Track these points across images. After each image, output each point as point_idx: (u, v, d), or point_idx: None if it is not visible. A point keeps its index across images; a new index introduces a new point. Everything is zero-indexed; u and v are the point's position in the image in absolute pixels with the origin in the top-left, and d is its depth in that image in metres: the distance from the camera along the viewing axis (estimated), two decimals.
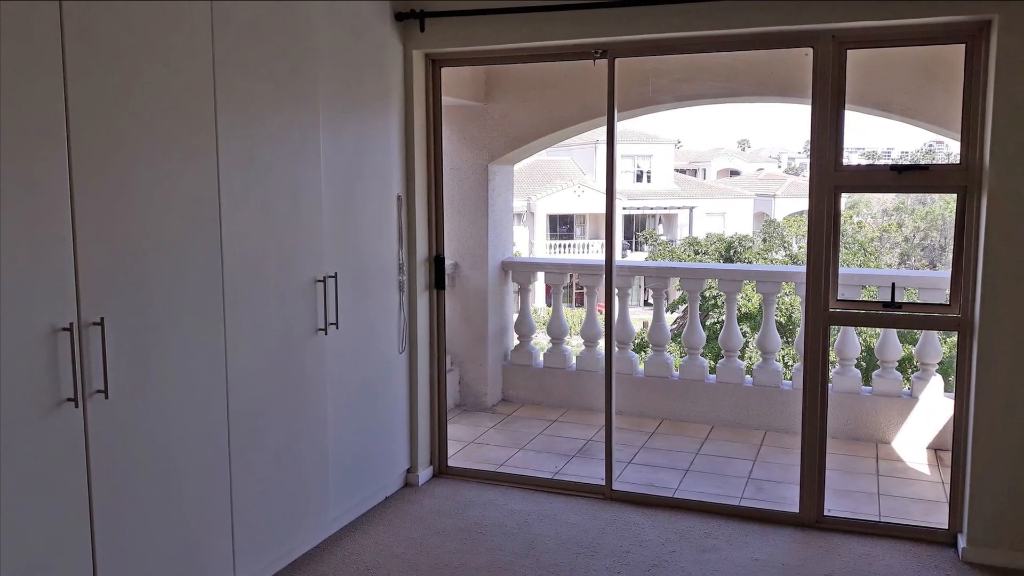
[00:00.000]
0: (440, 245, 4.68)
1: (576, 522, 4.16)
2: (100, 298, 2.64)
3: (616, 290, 5.29)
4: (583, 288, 6.53)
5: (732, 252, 20.38)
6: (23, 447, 2.43)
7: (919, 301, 5.24)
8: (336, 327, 3.84)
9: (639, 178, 31.68)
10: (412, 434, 4.61)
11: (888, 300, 3.95)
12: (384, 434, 4.37)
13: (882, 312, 4.01)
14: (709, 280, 6.65)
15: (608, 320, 4.56)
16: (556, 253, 29.15)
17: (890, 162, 5.54)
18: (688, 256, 20.58)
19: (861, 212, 27.73)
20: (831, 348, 4.36)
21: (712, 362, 6.04)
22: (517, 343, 6.41)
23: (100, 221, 2.64)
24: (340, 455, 3.95)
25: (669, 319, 11.49)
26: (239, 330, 3.25)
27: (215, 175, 3.11)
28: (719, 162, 39.07)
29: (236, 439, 3.27)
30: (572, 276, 6.92)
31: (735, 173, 38.12)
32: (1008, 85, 3.48)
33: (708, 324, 14.71)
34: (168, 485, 2.96)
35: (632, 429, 5.66)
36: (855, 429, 5.47)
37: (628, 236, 30.45)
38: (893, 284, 4.01)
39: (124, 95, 2.72)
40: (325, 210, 3.75)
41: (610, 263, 4.46)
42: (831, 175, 3.89)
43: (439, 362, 4.75)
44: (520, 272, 6.44)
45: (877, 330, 7.93)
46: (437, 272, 4.68)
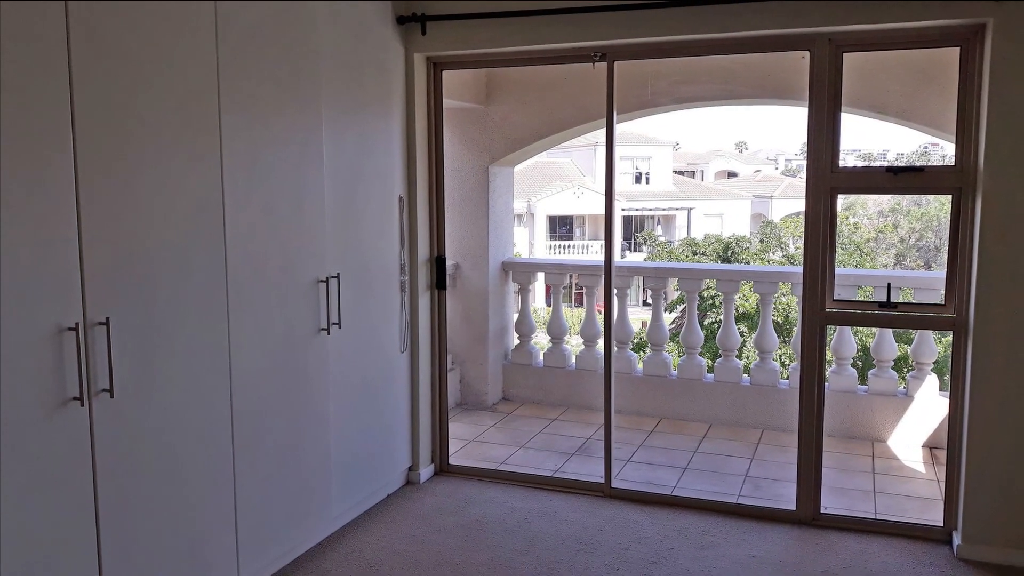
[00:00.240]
0: (441, 246, 4.68)
1: (576, 519, 4.16)
2: (105, 298, 2.65)
3: (615, 290, 5.29)
4: (583, 288, 6.53)
5: (730, 253, 20.37)
6: (30, 445, 2.44)
7: (914, 301, 5.24)
8: (338, 327, 3.84)
9: (638, 179, 31.67)
10: (413, 432, 4.61)
11: (884, 300, 3.95)
12: (386, 432, 4.37)
13: (878, 312, 4.01)
14: (707, 280, 6.65)
15: (607, 320, 4.56)
16: (556, 254, 29.13)
17: (886, 164, 5.54)
18: (686, 257, 20.57)
19: (857, 213, 27.72)
20: (828, 347, 4.35)
21: (710, 361, 6.04)
22: (517, 343, 6.41)
23: (105, 222, 2.64)
24: (342, 453, 3.95)
25: (667, 319, 11.49)
26: (243, 330, 3.26)
27: (219, 176, 3.11)
28: (717, 164, 39.06)
29: (240, 437, 3.27)
30: (572, 276, 6.92)
31: (733, 175, 38.11)
32: (1002, 87, 3.47)
33: (706, 324, 14.71)
34: (173, 483, 2.96)
35: (631, 428, 5.66)
36: (851, 428, 5.47)
37: (627, 237, 30.44)
38: (889, 284, 4.02)
39: (129, 97, 2.72)
40: (328, 211, 3.75)
41: (609, 263, 4.46)
42: (827, 177, 3.89)
43: (440, 361, 4.75)
44: (520, 272, 6.44)
45: (873, 330, 7.94)
46: (438, 272, 4.68)
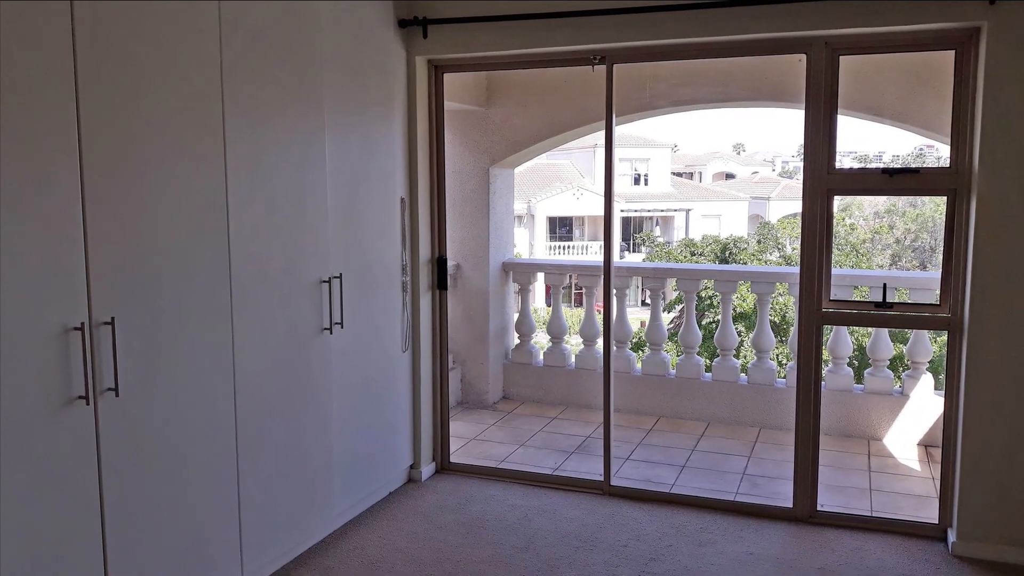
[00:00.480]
0: (442, 246, 4.68)
1: (575, 517, 4.16)
2: (110, 298, 2.65)
3: (614, 290, 5.29)
4: (582, 288, 6.53)
5: (727, 253, 20.35)
6: (36, 443, 2.44)
7: (910, 301, 5.24)
8: (341, 327, 3.84)
9: (637, 181, 31.68)
10: (415, 431, 4.61)
11: (880, 300, 3.95)
12: (388, 431, 4.37)
13: (874, 312, 4.01)
14: (705, 281, 6.64)
15: (607, 320, 4.56)
16: (556, 254, 29.12)
17: (882, 165, 5.54)
18: (684, 257, 20.54)
19: (853, 214, 27.69)
20: (824, 347, 4.35)
21: (708, 361, 6.03)
22: (518, 342, 6.41)
23: (110, 223, 2.64)
24: (345, 451, 3.95)
25: (666, 319, 11.50)
26: (246, 329, 3.26)
27: (223, 178, 3.11)
28: (715, 165, 39.05)
29: (243, 436, 3.27)
30: (571, 277, 6.92)
31: (730, 176, 38.10)
32: (996, 90, 3.47)
33: (704, 324, 14.70)
34: (177, 481, 2.96)
35: (630, 426, 5.66)
36: (847, 426, 5.46)
37: (626, 238, 30.44)
38: (884, 285, 4.01)
39: (134, 100, 2.72)
40: (330, 212, 3.75)
41: (608, 264, 4.46)
42: (824, 178, 3.89)
43: (441, 361, 4.74)
44: (520, 273, 6.44)
45: (869, 329, 7.93)
46: (439, 273, 4.68)
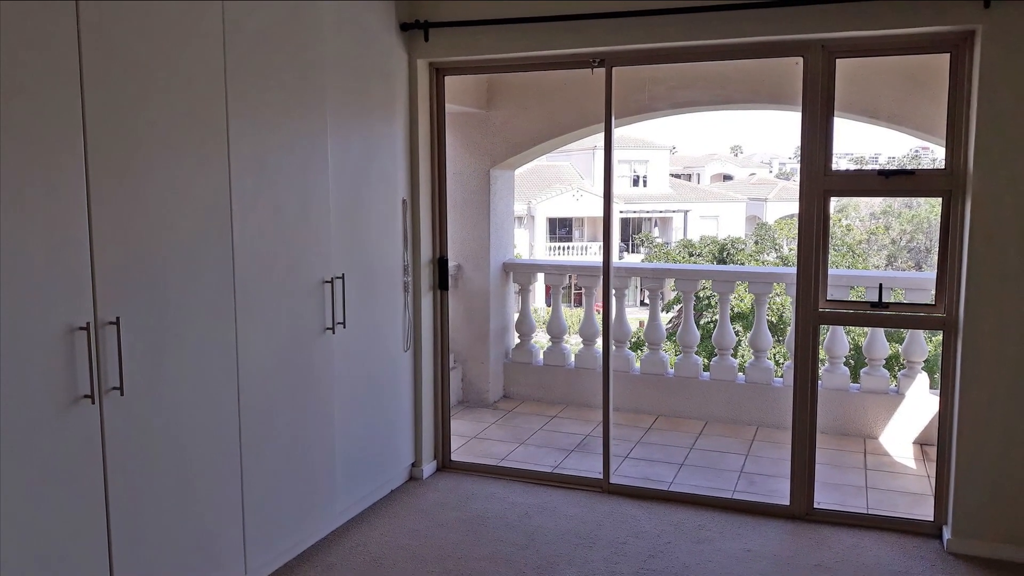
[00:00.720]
0: (444, 247, 4.68)
1: (575, 514, 4.16)
2: (116, 298, 2.64)
3: (613, 290, 5.29)
4: (582, 289, 6.53)
5: (725, 254, 20.34)
6: (42, 442, 2.44)
7: (905, 301, 5.24)
8: (343, 326, 3.84)
9: (636, 183, 31.67)
10: (416, 429, 4.61)
11: (875, 300, 3.95)
12: (389, 429, 4.37)
13: (870, 312, 4.01)
14: (703, 281, 6.64)
15: (606, 319, 4.56)
16: (555, 255, 29.12)
17: (877, 167, 5.54)
18: (683, 258, 20.53)
19: (849, 215, 27.70)
20: (821, 346, 4.35)
21: (706, 360, 6.04)
22: (518, 342, 6.41)
23: (116, 224, 2.64)
24: (347, 450, 3.95)
25: (664, 319, 11.51)
26: (250, 329, 3.26)
27: (227, 180, 3.11)
28: (713, 167, 39.04)
29: (247, 434, 3.27)
30: (571, 277, 6.92)
31: (728, 178, 38.09)
32: (991, 93, 3.47)
33: (702, 323, 14.68)
34: (181, 478, 2.96)
35: (629, 425, 5.66)
36: (844, 425, 5.46)
37: (625, 239, 30.44)
38: (880, 285, 4.01)
39: (139, 102, 2.72)
40: (333, 213, 3.75)
41: (608, 264, 4.46)
42: (821, 179, 3.89)
43: (443, 360, 4.74)
44: (521, 273, 6.44)
45: (865, 329, 7.93)
46: (441, 273, 4.68)
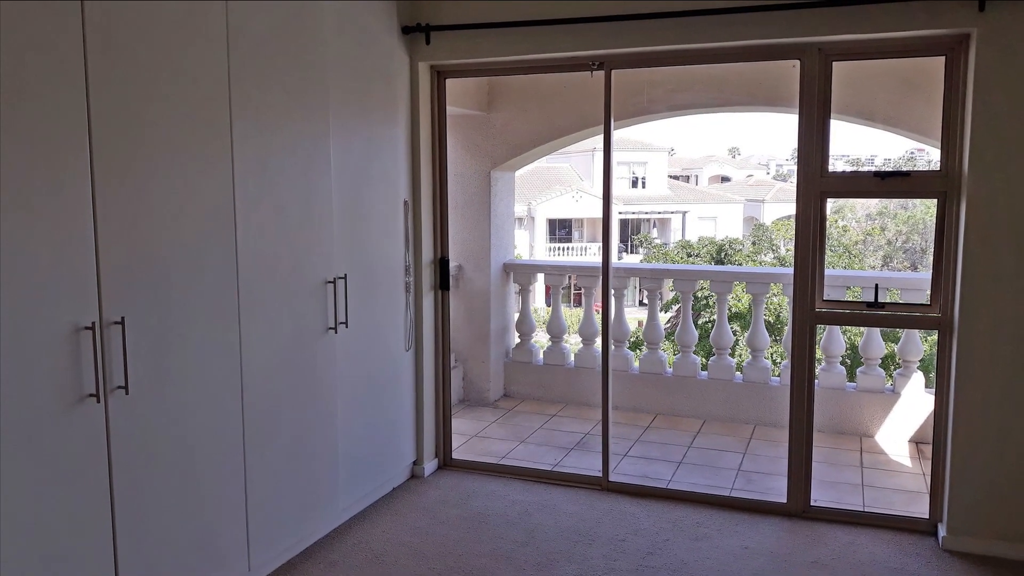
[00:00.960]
0: (445, 248, 4.68)
1: (574, 512, 4.16)
2: (121, 299, 2.64)
3: (612, 291, 5.29)
4: (581, 289, 6.53)
5: (723, 254, 20.34)
6: (48, 440, 2.44)
7: (901, 301, 5.24)
8: (345, 326, 3.84)
9: (634, 184, 31.66)
10: (418, 428, 4.61)
11: (872, 300, 3.95)
12: (391, 428, 4.37)
13: (866, 312, 4.00)
14: (701, 281, 6.64)
15: (605, 319, 4.56)
16: (555, 255, 29.11)
17: (873, 169, 5.54)
18: (681, 258, 20.53)
19: (846, 216, 27.71)
20: (817, 346, 4.35)
21: (704, 359, 6.04)
22: (518, 341, 6.41)
23: (120, 225, 2.64)
24: (349, 448, 3.95)
25: (663, 318, 11.51)
26: (253, 329, 3.25)
27: (230, 181, 3.11)
28: (711, 169, 39.01)
29: (250, 433, 3.27)
30: (571, 277, 6.92)
31: (726, 179, 38.06)
32: (986, 95, 3.47)
33: (700, 323, 14.67)
34: (185, 477, 2.96)
35: (628, 423, 5.66)
36: (840, 423, 5.46)
37: (624, 239, 30.43)
38: (876, 285, 4.01)
39: (143, 104, 2.72)
40: (335, 214, 3.75)
41: (607, 265, 4.46)
42: (817, 181, 3.89)
43: (444, 359, 4.74)
44: (521, 273, 6.43)
45: (861, 329, 7.93)
46: (442, 273, 4.68)
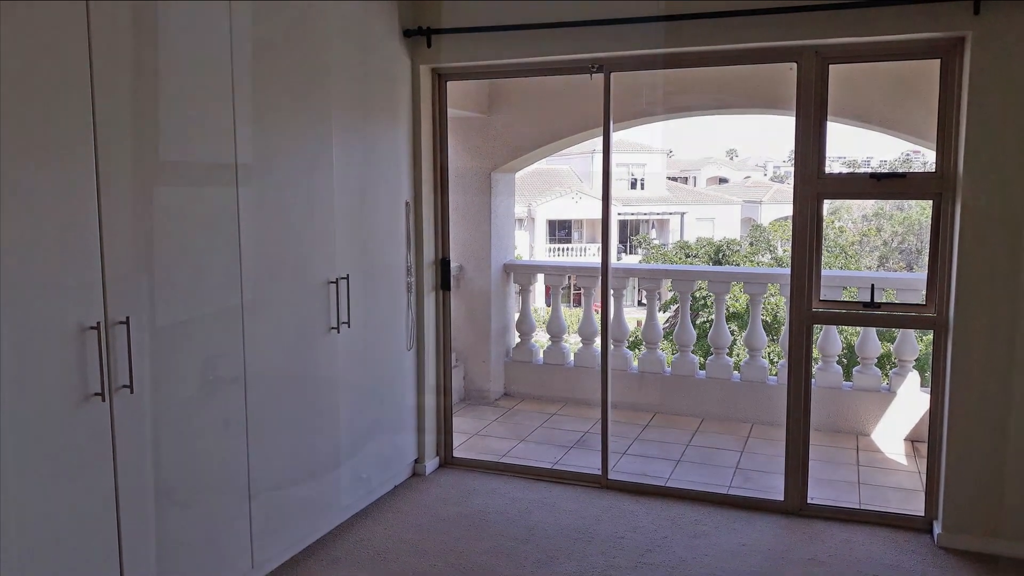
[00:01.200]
0: (446, 248, 4.68)
1: (574, 509, 4.16)
2: (125, 299, 2.64)
3: (612, 291, 5.29)
4: (581, 289, 6.54)
5: (721, 255, 20.33)
6: (54, 438, 2.44)
7: (897, 301, 5.24)
8: (348, 326, 3.84)
9: (633, 185, 31.63)
10: (419, 426, 4.60)
11: (868, 300, 3.95)
12: (393, 426, 4.37)
13: (862, 312, 4.00)
14: (699, 281, 6.64)
15: (604, 319, 4.56)
16: (555, 256, 29.07)
17: (869, 170, 5.54)
18: (679, 259, 20.51)
19: (842, 217, 27.66)
20: (814, 345, 4.35)
21: (702, 359, 6.04)
22: (518, 341, 6.41)
23: (125, 226, 2.64)
24: (351, 446, 3.95)
25: (661, 318, 11.48)
26: (256, 329, 3.25)
27: (234, 182, 3.11)
28: (709, 170, 38.96)
29: (253, 431, 3.26)
30: (570, 278, 6.92)
31: (724, 181, 38.03)
32: (981, 97, 3.47)
33: (698, 323, 14.66)
34: (189, 474, 2.96)
35: (627, 422, 5.66)
36: (837, 422, 5.46)
37: (623, 240, 30.40)
38: (872, 285, 4.01)
39: (148, 106, 2.72)
40: (337, 215, 3.75)
41: (606, 265, 4.46)
42: (814, 182, 3.89)
43: (445, 359, 4.74)
44: (521, 274, 6.43)
45: (857, 328, 7.92)
46: (443, 274, 4.68)
